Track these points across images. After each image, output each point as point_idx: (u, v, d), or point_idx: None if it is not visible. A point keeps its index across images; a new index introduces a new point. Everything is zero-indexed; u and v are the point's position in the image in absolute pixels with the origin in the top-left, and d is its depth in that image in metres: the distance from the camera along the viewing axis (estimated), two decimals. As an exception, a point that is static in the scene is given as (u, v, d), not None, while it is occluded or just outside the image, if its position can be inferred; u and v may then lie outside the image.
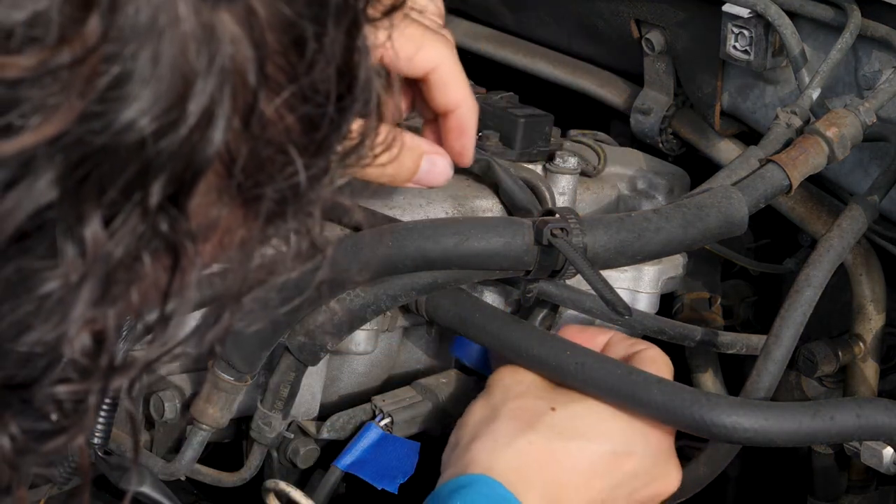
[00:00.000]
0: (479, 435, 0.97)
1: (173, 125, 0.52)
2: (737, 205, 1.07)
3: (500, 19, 1.52)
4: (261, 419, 1.06)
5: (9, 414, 0.57)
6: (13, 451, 0.58)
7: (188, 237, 0.56)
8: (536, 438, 0.97)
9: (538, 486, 0.95)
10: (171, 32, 0.51)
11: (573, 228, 1.01)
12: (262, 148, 0.57)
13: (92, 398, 0.58)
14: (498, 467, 0.95)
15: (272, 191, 0.58)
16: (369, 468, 1.07)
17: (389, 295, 1.02)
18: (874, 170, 1.19)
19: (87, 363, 0.57)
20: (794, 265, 1.30)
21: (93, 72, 0.50)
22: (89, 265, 0.53)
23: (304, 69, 0.57)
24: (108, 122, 0.51)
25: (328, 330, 1.03)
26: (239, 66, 0.54)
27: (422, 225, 1.02)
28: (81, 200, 0.52)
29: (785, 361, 1.04)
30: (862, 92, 1.19)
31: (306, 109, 0.58)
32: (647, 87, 1.38)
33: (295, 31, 0.56)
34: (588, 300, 1.08)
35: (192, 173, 0.54)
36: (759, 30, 1.21)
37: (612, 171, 1.22)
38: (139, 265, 0.55)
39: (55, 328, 0.54)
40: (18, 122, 0.50)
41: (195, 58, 0.52)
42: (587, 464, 0.97)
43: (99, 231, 0.53)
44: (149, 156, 0.52)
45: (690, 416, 0.96)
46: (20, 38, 0.49)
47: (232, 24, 0.53)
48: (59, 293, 0.53)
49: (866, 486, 1.30)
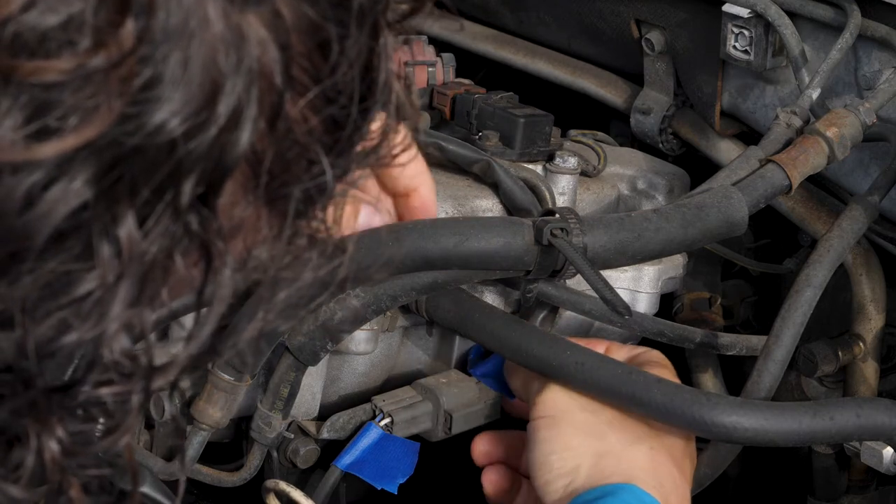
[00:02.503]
0: (603, 450, 0.97)
1: (203, 126, 0.53)
2: (737, 205, 1.07)
3: (500, 19, 1.53)
4: (261, 419, 1.06)
5: (55, 418, 0.58)
6: (62, 453, 0.58)
7: (219, 235, 0.57)
8: (653, 443, 0.98)
9: (665, 486, 0.97)
10: (200, 35, 0.52)
11: (573, 228, 1.01)
12: (288, 148, 0.58)
13: (135, 399, 0.59)
14: (635, 474, 0.96)
15: (298, 190, 0.59)
16: (369, 468, 1.07)
17: (389, 295, 1.02)
18: (874, 170, 1.19)
19: (127, 364, 0.58)
20: (794, 265, 1.30)
21: (128, 74, 0.51)
22: (125, 265, 0.54)
23: (327, 71, 0.58)
24: (140, 123, 0.52)
25: (328, 330, 1.03)
26: (265, 67, 0.55)
27: (422, 225, 1.02)
28: (116, 200, 0.53)
29: (785, 361, 1.04)
30: (862, 92, 1.19)
31: (330, 110, 0.59)
32: (647, 87, 1.38)
33: (319, 34, 0.57)
34: (588, 301, 1.08)
35: (220, 173, 0.55)
36: (759, 30, 1.21)
37: (612, 171, 1.22)
38: (172, 264, 0.56)
39: (94, 328, 0.55)
40: (55, 124, 0.51)
41: (224, 60, 0.53)
42: (679, 452, 1.00)
43: (133, 231, 0.54)
44: (179, 156, 0.53)
45: (691, 416, 0.96)
46: (55, 41, 0.50)
47: (259, 26, 0.54)
48: (96, 293, 0.54)
49: (866, 486, 1.30)
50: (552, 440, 0.99)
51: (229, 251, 0.58)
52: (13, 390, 0.57)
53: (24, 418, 0.57)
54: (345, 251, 0.64)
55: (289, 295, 0.63)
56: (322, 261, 0.63)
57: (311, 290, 0.64)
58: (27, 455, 0.58)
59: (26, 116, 0.50)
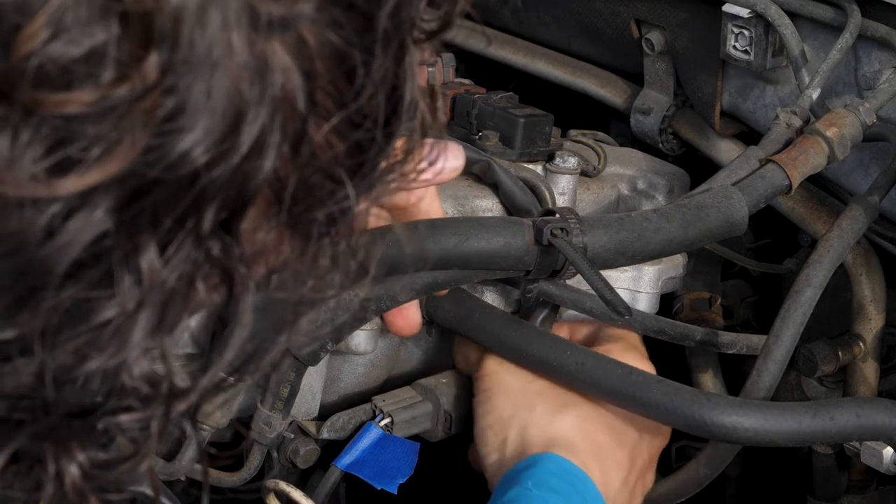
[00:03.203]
0: (529, 421, 1.00)
1: (226, 155, 0.52)
2: (737, 205, 1.07)
3: (500, 19, 1.52)
4: (261, 419, 1.06)
5: (75, 443, 0.58)
6: (82, 478, 0.58)
7: (241, 261, 0.56)
8: (580, 411, 1.00)
9: (590, 453, 0.99)
10: (224, 64, 0.51)
11: (573, 228, 1.01)
12: (312, 173, 0.57)
13: (155, 424, 0.59)
14: (557, 442, 0.98)
15: (322, 214, 0.59)
16: (369, 468, 1.07)
17: (389, 295, 1.02)
18: (874, 170, 1.19)
19: (147, 390, 0.58)
20: (794, 265, 1.30)
21: (152, 106, 0.50)
22: (146, 293, 0.54)
23: (352, 95, 0.57)
24: (163, 153, 0.51)
25: (328, 330, 1.03)
26: (289, 94, 0.54)
27: (422, 225, 1.02)
28: (137, 230, 0.53)
29: (785, 361, 1.03)
30: (862, 92, 1.19)
31: (355, 135, 0.58)
32: (647, 87, 1.38)
33: (344, 59, 0.56)
34: (588, 300, 1.08)
35: (243, 200, 0.55)
36: (759, 30, 1.21)
37: (612, 171, 1.22)
38: (194, 292, 0.56)
39: (114, 356, 0.55)
40: (78, 156, 0.50)
41: (248, 88, 0.52)
42: (619, 426, 1.02)
43: (154, 259, 0.53)
44: (202, 185, 0.53)
45: (690, 416, 0.96)
46: (78, 74, 0.49)
47: (283, 53, 0.54)
48: (116, 321, 0.54)
49: (866, 486, 1.30)
50: (487, 415, 1.02)
51: (251, 276, 0.58)
52: (33, 416, 0.56)
53: (43, 443, 0.57)
54: (367, 271, 0.64)
55: (312, 317, 0.63)
56: (345, 281, 0.63)
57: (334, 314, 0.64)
58: (47, 480, 0.57)
59: (47, 148, 0.50)
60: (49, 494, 0.58)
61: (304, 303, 0.62)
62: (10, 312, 0.53)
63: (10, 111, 0.49)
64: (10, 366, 0.54)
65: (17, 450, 0.56)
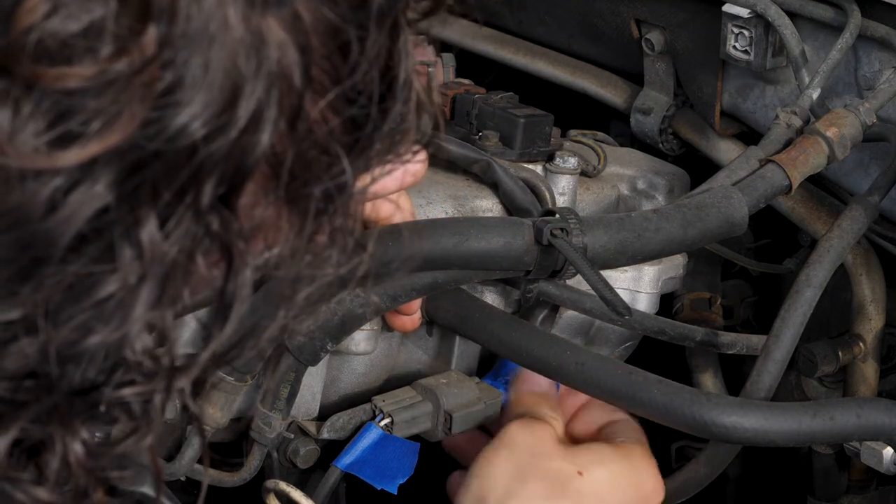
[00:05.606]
0: (512, 495, 0.97)
1: (223, 129, 0.53)
2: (737, 205, 1.07)
3: (500, 19, 1.52)
4: (261, 419, 1.06)
5: (78, 420, 0.58)
6: (86, 455, 0.59)
7: (239, 236, 0.57)
8: None
9: None
10: (221, 39, 0.52)
11: (573, 228, 1.01)
12: (308, 148, 0.58)
13: (157, 399, 0.60)
14: None
15: (318, 190, 0.60)
16: (369, 468, 1.07)
17: (389, 295, 1.02)
18: (874, 170, 1.19)
19: (149, 365, 0.58)
20: (794, 265, 1.30)
21: (150, 79, 0.51)
22: (147, 266, 0.54)
23: (347, 71, 0.58)
24: (161, 127, 0.52)
25: (328, 330, 1.03)
26: (285, 69, 0.55)
27: (422, 225, 1.02)
28: (137, 203, 0.53)
29: (785, 361, 1.03)
30: (862, 92, 1.19)
31: (350, 110, 0.59)
32: (647, 87, 1.38)
33: (339, 35, 0.57)
34: (588, 300, 1.08)
35: (241, 174, 0.55)
36: (759, 30, 1.21)
37: (612, 171, 1.22)
38: (193, 265, 0.56)
39: (116, 330, 0.55)
40: (78, 129, 0.51)
41: (244, 63, 0.53)
42: None
43: (155, 233, 0.54)
44: (200, 158, 0.53)
45: (690, 416, 0.96)
46: (77, 48, 0.50)
47: (278, 29, 0.55)
48: (118, 295, 0.55)
49: (866, 486, 1.30)
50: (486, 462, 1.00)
51: (250, 251, 0.58)
52: (37, 396, 0.57)
53: (47, 423, 0.58)
54: (365, 248, 0.65)
55: (310, 293, 0.63)
56: (342, 258, 0.63)
57: (331, 289, 0.64)
58: (52, 458, 0.58)
59: (49, 122, 0.51)
60: (54, 473, 0.58)
61: (302, 279, 0.63)
62: (14, 287, 0.53)
63: (12, 85, 0.50)
64: (15, 345, 0.55)
65: (21, 430, 0.57)
